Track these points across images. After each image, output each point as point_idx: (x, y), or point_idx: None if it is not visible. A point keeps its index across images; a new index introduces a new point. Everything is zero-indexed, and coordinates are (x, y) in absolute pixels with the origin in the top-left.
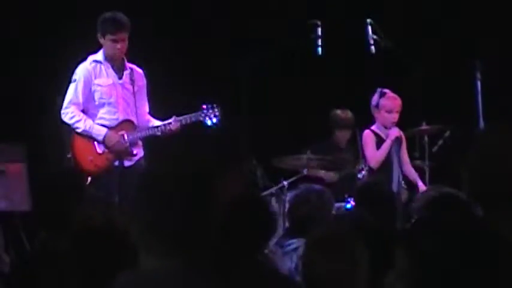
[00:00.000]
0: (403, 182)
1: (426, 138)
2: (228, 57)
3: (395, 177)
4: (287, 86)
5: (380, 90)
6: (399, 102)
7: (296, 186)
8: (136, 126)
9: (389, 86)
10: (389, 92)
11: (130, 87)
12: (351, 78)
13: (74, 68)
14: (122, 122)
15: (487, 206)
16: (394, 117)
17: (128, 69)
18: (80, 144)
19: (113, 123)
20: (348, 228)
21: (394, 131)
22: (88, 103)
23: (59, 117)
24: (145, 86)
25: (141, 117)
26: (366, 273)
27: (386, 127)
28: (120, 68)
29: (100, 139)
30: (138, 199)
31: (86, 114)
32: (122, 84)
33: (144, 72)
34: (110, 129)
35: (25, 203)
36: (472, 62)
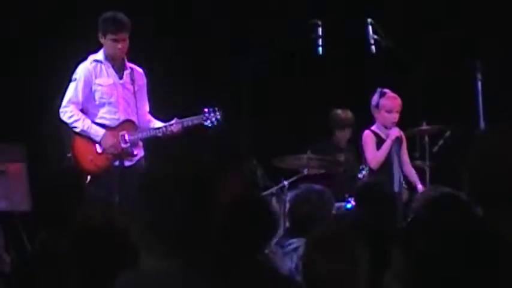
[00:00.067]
0: (404, 182)
1: (426, 138)
2: (228, 57)
3: (396, 177)
4: (287, 86)
5: (380, 90)
6: (399, 102)
7: (296, 186)
8: (137, 126)
9: (390, 86)
10: (389, 92)
11: (131, 87)
12: (352, 77)
13: (74, 68)
14: (123, 122)
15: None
16: (394, 117)
17: (128, 69)
18: (80, 143)
19: (113, 123)
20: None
21: (394, 131)
22: (88, 103)
23: (58, 116)
24: (146, 85)
25: (141, 117)
26: (366, 273)
27: (387, 127)
28: (120, 68)
29: (97, 140)
30: (139, 199)
31: (86, 114)
32: (123, 84)
33: (144, 72)
34: (110, 129)
35: (25, 203)
36: (472, 61)
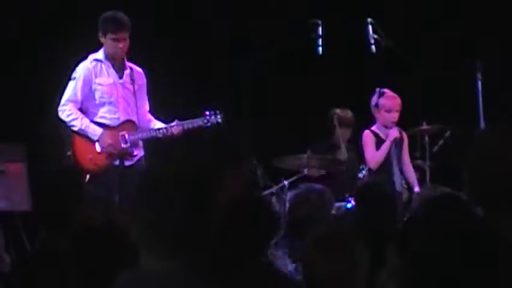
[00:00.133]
0: (404, 182)
1: (427, 138)
2: (228, 57)
3: (395, 177)
4: (287, 86)
5: (379, 90)
6: (398, 101)
7: (297, 186)
8: (137, 126)
9: (390, 86)
10: (388, 91)
11: (131, 87)
12: (352, 77)
13: (74, 67)
14: (124, 122)
15: (487, 205)
16: (394, 116)
17: (128, 69)
18: (80, 143)
19: (113, 123)
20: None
21: (393, 132)
22: (88, 102)
23: (56, 114)
24: (146, 85)
25: (141, 116)
26: (365, 273)
27: (387, 127)
28: (120, 68)
29: (95, 139)
30: (139, 199)
31: (85, 113)
32: (123, 83)
33: (144, 72)
34: (110, 129)
35: (25, 203)
36: (472, 61)
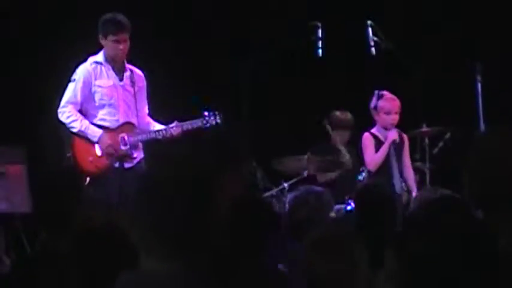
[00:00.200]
0: (404, 184)
1: (427, 140)
2: (228, 58)
3: (395, 180)
4: (287, 87)
5: (377, 92)
6: (398, 103)
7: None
8: (137, 128)
9: (390, 88)
10: (387, 94)
11: (131, 89)
12: (352, 79)
13: (74, 69)
14: (123, 124)
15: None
16: (393, 118)
17: (128, 71)
18: (80, 145)
19: (113, 125)
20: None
21: (391, 134)
22: (88, 104)
23: (56, 116)
24: (145, 87)
25: (141, 119)
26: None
27: (386, 129)
28: (120, 70)
29: (95, 140)
30: (139, 201)
31: (85, 115)
32: (123, 86)
33: (144, 73)
34: (109, 131)
35: (25, 205)
36: (472, 63)
